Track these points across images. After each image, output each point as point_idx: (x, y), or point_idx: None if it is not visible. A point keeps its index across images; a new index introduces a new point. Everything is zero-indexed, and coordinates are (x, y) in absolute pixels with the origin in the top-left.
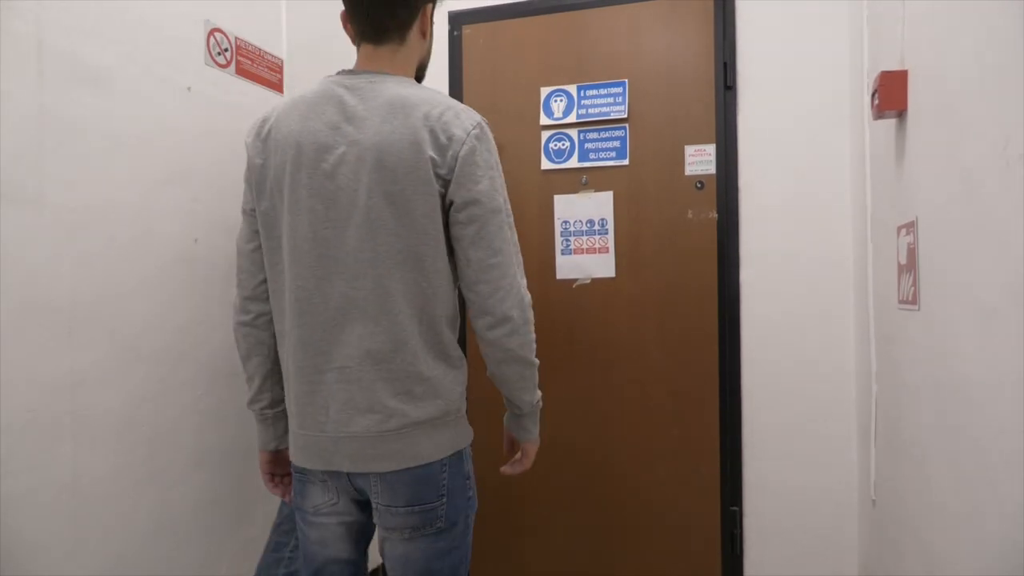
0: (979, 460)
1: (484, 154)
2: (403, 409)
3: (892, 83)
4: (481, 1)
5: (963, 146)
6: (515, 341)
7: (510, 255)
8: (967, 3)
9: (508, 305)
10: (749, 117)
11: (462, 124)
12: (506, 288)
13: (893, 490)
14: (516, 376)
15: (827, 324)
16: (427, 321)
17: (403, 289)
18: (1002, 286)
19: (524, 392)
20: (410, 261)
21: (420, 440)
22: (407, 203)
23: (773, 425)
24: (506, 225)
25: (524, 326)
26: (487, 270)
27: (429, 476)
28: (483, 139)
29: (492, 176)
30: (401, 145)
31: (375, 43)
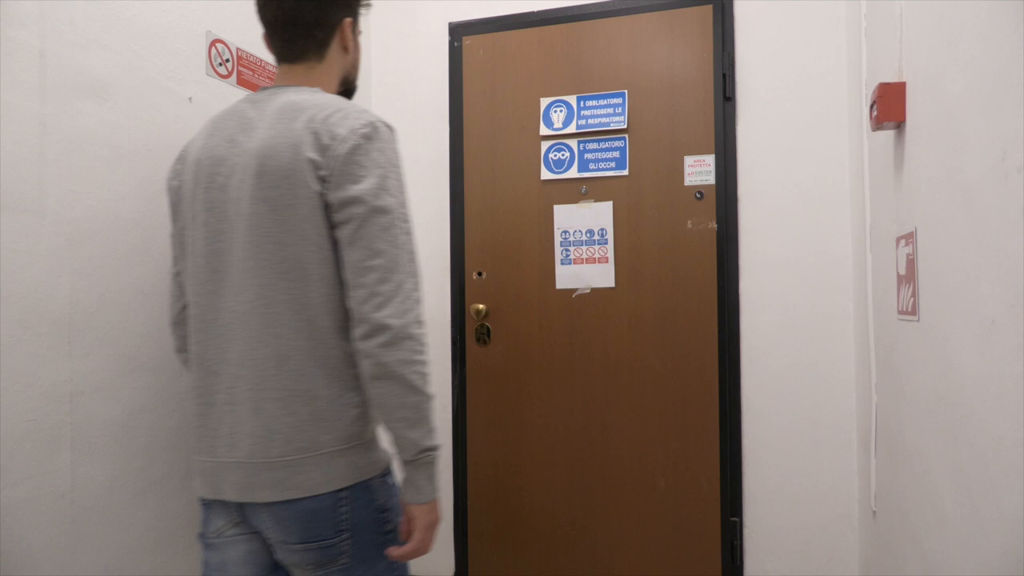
0: (979, 471)
1: (373, 153)
2: (288, 433)
3: (890, 95)
4: (481, 12)
5: (961, 157)
6: (393, 355)
7: (395, 260)
8: (965, 15)
9: (387, 313)
10: (748, 128)
11: (348, 124)
12: (385, 294)
13: (894, 501)
14: (394, 400)
15: (827, 334)
16: (315, 335)
17: (287, 300)
18: (1001, 297)
19: (405, 426)
20: (295, 270)
21: (308, 468)
22: (288, 208)
23: (773, 435)
24: (396, 229)
25: (407, 341)
26: (363, 272)
27: (321, 510)
28: (373, 138)
29: (381, 176)
30: (281, 149)
31: (290, 62)
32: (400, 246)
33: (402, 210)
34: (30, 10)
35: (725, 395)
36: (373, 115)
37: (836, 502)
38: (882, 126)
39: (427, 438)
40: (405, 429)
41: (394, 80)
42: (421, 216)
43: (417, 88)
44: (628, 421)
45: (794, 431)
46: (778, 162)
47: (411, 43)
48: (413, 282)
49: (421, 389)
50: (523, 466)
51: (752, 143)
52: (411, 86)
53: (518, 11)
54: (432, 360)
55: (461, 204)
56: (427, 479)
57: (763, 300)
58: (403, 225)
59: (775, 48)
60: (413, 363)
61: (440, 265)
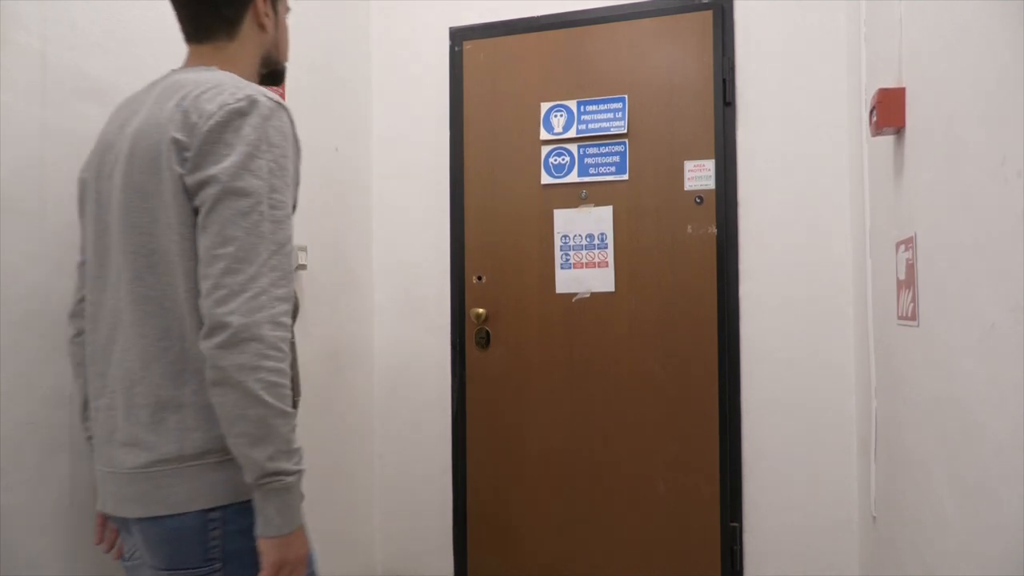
0: (980, 475)
1: (244, 129)
2: (153, 441)
3: (890, 100)
4: (482, 17)
5: (961, 163)
6: (230, 358)
7: (251, 250)
8: (964, 21)
9: (229, 308)
10: (748, 133)
11: (219, 99)
12: (231, 287)
13: (894, 506)
14: (232, 412)
15: (827, 339)
16: (183, 335)
17: (156, 297)
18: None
19: (246, 444)
20: (163, 263)
21: (173, 482)
22: (155, 195)
23: (773, 440)
24: (259, 216)
25: (252, 343)
26: (210, 261)
27: (186, 532)
28: (248, 114)
29: (247, 154)
30: (149, 132)
31: (198, 42)
32: (262, 235)
33: (276, 196)
34: (31, 13)
35: (725, 400)
36: (259, 91)
37: (836, 507)
38: (882, 131)
39: (275, 460)
40: (246, 447)
41: (395, 85)
42: (421, 220)
43: (418, 92)
44: (627, 425)
45: (794, 435)
46: (778, 167)
47: (412, 48)
48: (276, 278)
49: (267, 401)
50: (522, 470)
51: (752, 148)
52: (412, 91)
53: (519, 16)
54: (432, 364)
55: (461, 208)
56: (277, 509)
57: (763, 305)
58: (273, 213)
59: (775, 53)
60: (257, 369)
61: (440, 269)
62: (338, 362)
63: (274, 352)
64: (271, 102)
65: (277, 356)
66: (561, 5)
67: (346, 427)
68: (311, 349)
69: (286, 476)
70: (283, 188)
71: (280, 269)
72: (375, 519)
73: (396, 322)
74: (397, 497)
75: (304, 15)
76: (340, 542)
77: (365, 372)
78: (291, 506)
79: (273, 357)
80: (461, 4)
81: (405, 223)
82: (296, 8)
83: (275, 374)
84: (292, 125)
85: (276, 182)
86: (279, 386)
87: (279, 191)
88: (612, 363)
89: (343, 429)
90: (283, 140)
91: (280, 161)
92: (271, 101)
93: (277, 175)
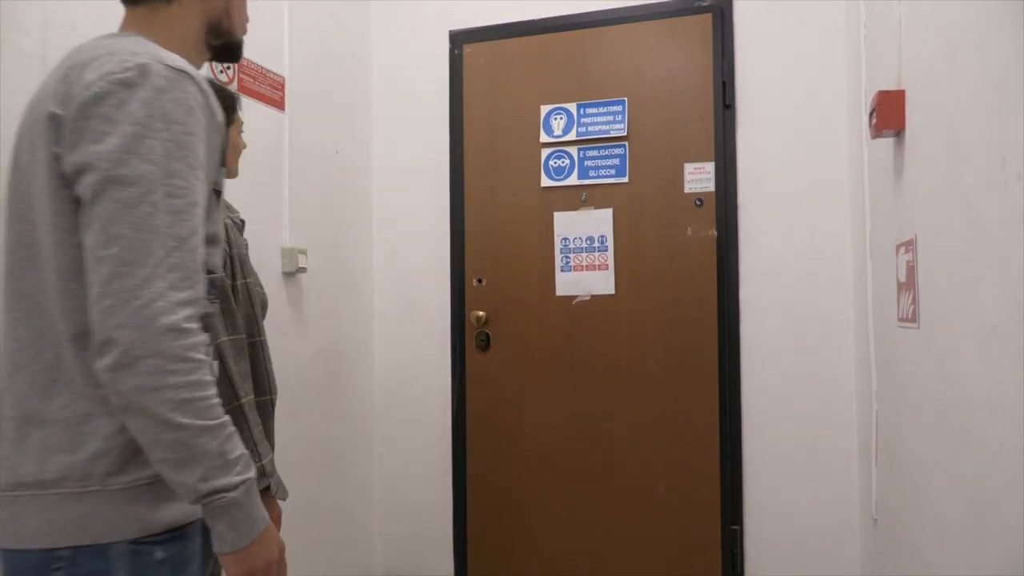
0: (981, 478)
1: (131, 104)
2: (14, 460)
3: (890, 102)
4: (482, 20)
5: (961, 165)
6: (129, 381)
7: (141, 250)
8: (964, 23)
9: (116, 321)
10: (748, 135)
11: (106, 67)
12: (119, 296)
13: (894, 509)
14: (147, 438)
15: (827, 342)
16: (54, 340)
17: (31, 294)
18: (1001, 304)
19: (171, 469)
20: (39, 259)
21: (28, 511)
22: (33, 178)
23: (774, 443)
24: (150, 207)
25: (148, 360)
26: (95, 265)
27: (24, 570)
28: (136, 85)
29: (132, 134)
30: (34, 104)
31: (132, 3)
32: (155, 230)
33: (174, 182)
34: (32, 16)
35: (725, 402)
36: (157, 57)
37: (837, 510)
38: (881, 134)
39: (208, 480)
40: (172, 472)
41: (395, 88)
42: (421, 223)
43: (418, 95)
44: (627, 428)
45: (794, 438)
46: (778, 169)
47: (412, 50)
48: (175, 280)
49: (180, 422)
50: (522, 472)
51: (752, 150)
52: (412, 93)
53: (518, 19)
54: (432, 366)
55: (461, 211)
56: (228, 525)
57: (763, 307)
58: (171, 202)
59: (775, 56)
60: (161, 389)
61: (440, 271)
62: (338, 364)
63: (179, 365)
64: (171, 71)
65: (184, 368)
66: (560, 8)
67: (346, 429)
68: (311, 351)
69: (226, 492)
70: (185, 172)
71: (181, 268)
72: (375, 521)
73: (396, 324)
74: (397, 498)
75: (304, 19)
76: (340, 543)
77: (365, 374)
78: (243, 518)
79: (178, 371)
80: (461, 7)
81: (405, 226)
82: (296, 12)
83: (185, 389)
84: (204, 95)
85: (175, 165)
86: (193, 401)
87: (180, 176)
88: (612, 365)
89: (343, 431)
90: (186, 115)
91: (181, 140)
92: (171, 70)
93: (177, 157)
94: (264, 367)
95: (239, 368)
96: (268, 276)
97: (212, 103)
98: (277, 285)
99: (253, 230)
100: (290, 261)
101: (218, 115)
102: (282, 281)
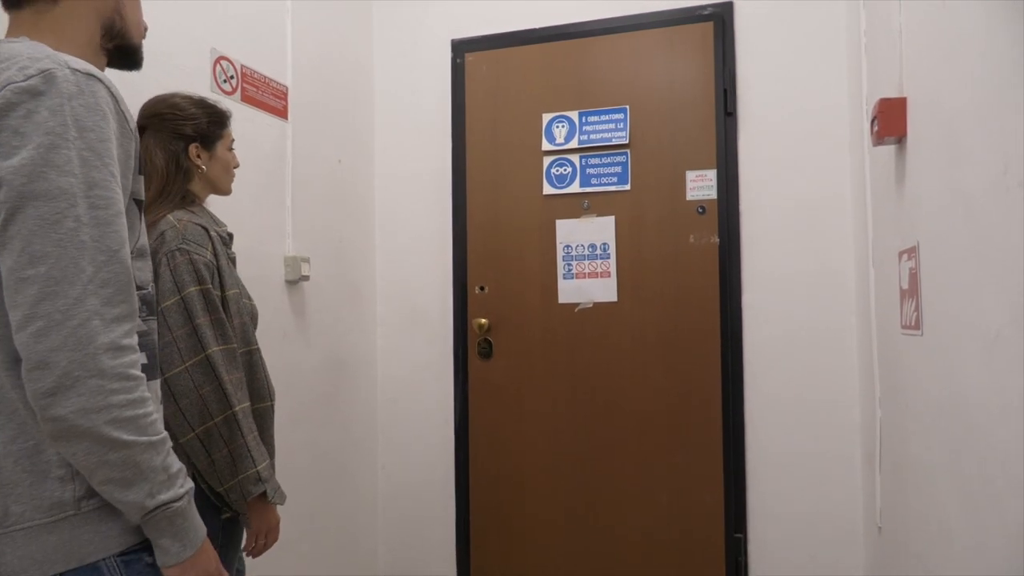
0: (985, 485)
1: (40, 114)
2: None
3: (891, 110)
4: (484, 29)
5: (963, 172)
6: (70, 404)
7: (70, 268)
8: (965, 30)
9: (51, 344)
10: (750, 143)
11: (5, 75)
12: (51, 318)
13: (899, 517)
14: (90, 461)
15: (830, 349)
16: None
17: None
18: (1005, 311)
19: (117, 489)
20: None
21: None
22: None
23: (777, 450)
24: (74, 223)
25: (89, 380)
26: (19, 287)
27: None
28: (44, 94)
29: (46, 146)
30: None
31: (15, 6)
32: (82, 246)
33: (96, 192)
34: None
35: (728, 409)
36: (61, 62)
37: (841, 518)
38: (883, 141)
39: (155, 495)
40: (118, 492)
41: (397, 96)
42: (423, 231)
43: (419, 104)
44: (630, 435)
45: (798, 446)
46: (780, 177)
47: (413, 59)
48: (109, 295)
49: (127, 440)
50: (525, 479)
51: (754, 158)
52: (414, 102)
53: (520, 28)
54: (434, 374)
55: (463, 218)
56: (173, 537)
57: (766, 314)
58: (95, 214)
59: (776, 64)
60: (106, 409)
61: (442, 279)
62: (341, 373)
63: (121, 383)
64: (77, 74)
65: (127, 387)
66: (562, 17)
67: (350, 437)
68: (314, 359)
69: (173, 503)
70: (106, 181)
71: (113, 283)
72: (378, 528)
73: (398, 332)
74: (400, 506)
75: (306, 28)
76: (343, 552)
77: (368, 382)
78: (186, 529)
79: (121, 390)
80: (463, 16)
81: (407, 234)
82: (298, 21)
83: (128, 408)
84: (114, 99)
85: (95, 175)
86: (136, 419)
87: (101, 185)
88: (615, 372)
89: (347, 439)
90: (99, 120)
91: (97, 147)
92: (78, 73)
93: (95, 166)
94: (262, 374)
95: (231, 377)
96: (271, 284)
97: (123, 107)
98: (280, 293)
99: (256, 239)
100: (293, 270)
101: (130, 120)
102: (285, 289)
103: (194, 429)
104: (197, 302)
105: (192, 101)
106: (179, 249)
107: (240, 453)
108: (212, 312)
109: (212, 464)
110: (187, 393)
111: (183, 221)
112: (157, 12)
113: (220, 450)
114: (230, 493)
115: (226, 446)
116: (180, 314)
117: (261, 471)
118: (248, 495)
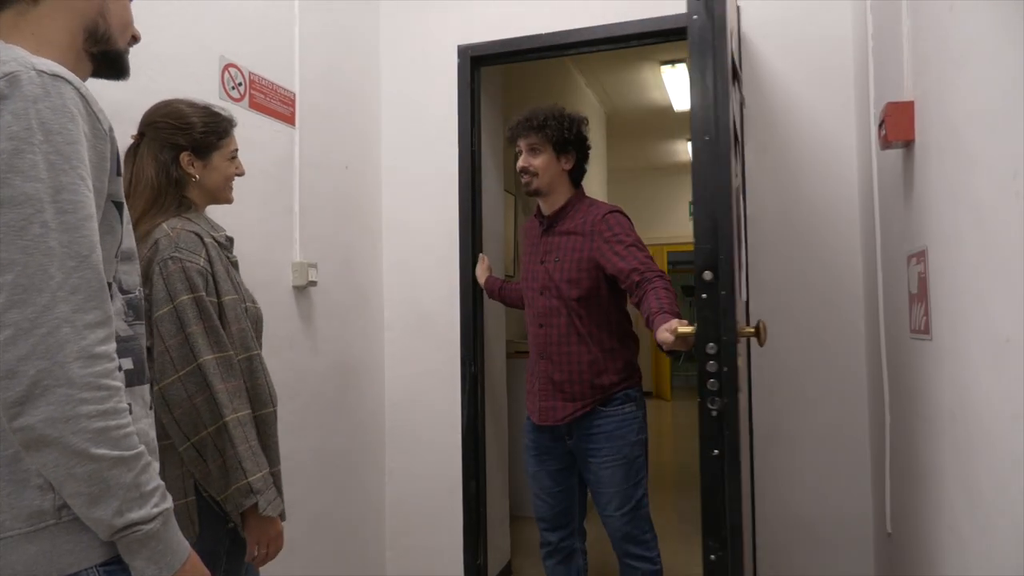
0: (996, 491)
1: (3, 119)
2: None
3: (899, 113)
4: (492, 35)
5: (972, 176)
6: (38, 413)
7: (38, 275)
8: (972, 34)
9: (19, 353)
10: (756, 146)
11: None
12: (19, 326)
13: (909, 523)
14: (58, 473)
15: (839, 353)
16: None
17: None
18: (1015, 315)
19: (85, 504)
20: None
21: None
22: None
23: (786, 455)
24: (41, 228)
25: (58, 390)
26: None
27: None
28: (6, 97)
29: (16, 150)
30: None
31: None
32: (50, 252)
33: (64, 197)
34: None
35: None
36: (27, 64)
37: (851, 523)
38: (891, 145)
39: (123, 514)
40: (84, 508)
41: (404, 101)
42: (431, 236)
43: (427, 110)
44: None
45: (807, 451)
46: (787, 181)
47: (421, 65)
48: (80, 302)
49: (96, 453)
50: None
51: (760, 163)
52: (421, 108)
53: (528, 33)
54: (442, 379)
55: (470, 225)
56: (147, 559)
57: (773, 319)
58: (64, 219)
59: (782, 68)
60: (75, 419)
61: (450, 284)
62: (349, 377)
63: (92, 393)
64: (43, 76)
65: (98, 397)
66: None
67: (357, 442)
68: (322, 364)
69: (143, 525)
70: (74, 184)
71: (84, 289)
72: (386, 534)
73: (406, 338)
74: (408, 511)
75: (314, 34)
76: (350, 557)
77: (376, 387)
78: (162, 551)
79: (91, 400)
80: (470, 22)
81: (415, 239)
82: (306, 28)
83: (99, 419)
84: (84, 100)
85: (63, 179)
86: (107, 431)
87: (69, 189)
88: None
89: (355, 443)
90: (67, 122)
91: (65, 151)
92: (44, 75)
93: (63, 170)
94: (263, 379)
95: (227, 385)
96: (279, 290)
97: (95, 108)
98: (288, 299)
99: (263, 244)
100: (300, 275)
101: (103, 122)
102: (293, 295)
103: (189, 439)
104: (190, 310)
105: (195, 109)
106: (171, 257)
107: (232, 464)
108: (206, 320)
109: (209, 473)
110: (180, 403)
111: (176, 229)
112: (166, 20)
113: (215, 460)
114: (226, 503)
115: (220, 456)
116: (173, 323)
117: (253, 482)
118: (240, 507)
